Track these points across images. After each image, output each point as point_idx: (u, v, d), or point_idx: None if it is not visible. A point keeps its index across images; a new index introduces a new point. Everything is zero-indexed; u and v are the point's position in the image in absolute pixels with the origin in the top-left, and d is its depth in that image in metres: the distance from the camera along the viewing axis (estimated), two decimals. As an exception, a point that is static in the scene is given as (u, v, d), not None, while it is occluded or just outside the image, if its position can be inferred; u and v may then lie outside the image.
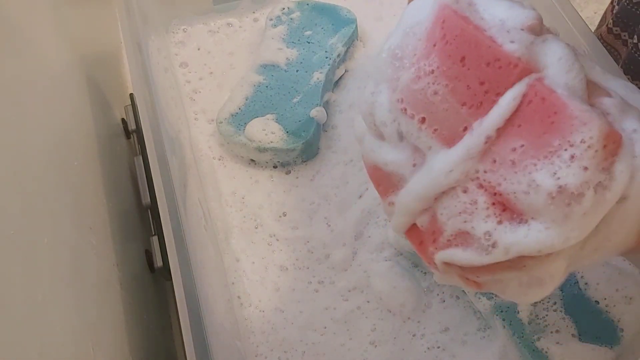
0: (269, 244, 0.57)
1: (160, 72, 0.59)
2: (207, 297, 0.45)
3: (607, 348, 0.47)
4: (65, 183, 0.47)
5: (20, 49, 0.46)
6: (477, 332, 0.51)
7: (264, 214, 0.59)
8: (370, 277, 0.54)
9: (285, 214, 0.59)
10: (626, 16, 0.56)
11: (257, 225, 0.58)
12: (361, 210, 0.57)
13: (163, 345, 0.61)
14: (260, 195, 0.60)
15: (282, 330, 0.52)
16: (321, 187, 0.60)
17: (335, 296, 0.54)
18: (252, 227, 0.58)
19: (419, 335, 0.51)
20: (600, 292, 0.50)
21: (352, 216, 0.57)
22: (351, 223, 0.57)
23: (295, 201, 0.59)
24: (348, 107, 0.66)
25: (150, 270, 0.63)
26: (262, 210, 0.59)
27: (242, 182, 0.61)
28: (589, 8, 1.05)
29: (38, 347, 0.33)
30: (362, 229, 0.57)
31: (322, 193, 0.60)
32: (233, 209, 0.60)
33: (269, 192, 0.60)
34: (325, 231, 0.57)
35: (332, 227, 0.57)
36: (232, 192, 0.61)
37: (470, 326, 0.52)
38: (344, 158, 0.62)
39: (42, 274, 0.37)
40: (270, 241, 0.57)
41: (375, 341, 0.51)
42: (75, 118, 0.56)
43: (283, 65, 0.66)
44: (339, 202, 0.59)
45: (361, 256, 0.55)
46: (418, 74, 0.31)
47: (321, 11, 0.71)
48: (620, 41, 0.57)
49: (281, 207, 0.59)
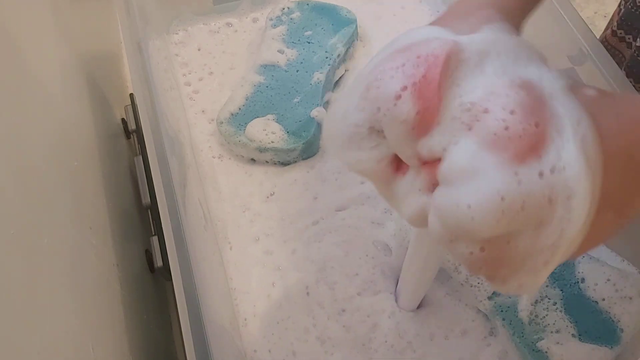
0: (270, 242, 0.57)
1: (160, 72, 0.59)
2: (207, 297, 0.45)
3: (607, 348, 0.47)
4: (65, 183, 0.47)
5: (20, 48, 0.46)
6: (477, 332, 0.51)
7: (264, 213, 0.59)
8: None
9: (286, 214, 0.59)
10: (630, 19, 0.56)
11: (258, 223, 0.58)
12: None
13: (163, 345, 0.61)
14: (261, 194, 0.60)
15: (283, 330, 0.52)
16: (322, 172, 0.61)
17: (336, 296, 0.54)
18: (252, 226, 0.58)
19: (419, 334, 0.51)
20: (600, 292, 0.50)
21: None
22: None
23: (297, 198, 0.59)
24: None
25: (150, 270, 0.63)
26: (263, 209, 0.59)
27: (242, 181, 0.61)
28: (589, 8, 1.05)
29: (38, 347, 0.33)
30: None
31: (322, 179, 0.60)
32: (233, 208, 0.60)
33: (269, 190, 0.61)
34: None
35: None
36: (233, 192, 0.61)
37: (470, 326, 0.52)
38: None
39: (42, 274, 0.37)
40: (270, 239, 0.57)
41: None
42: (75, 118, 0.56)
43: (283, 66, 0.66)
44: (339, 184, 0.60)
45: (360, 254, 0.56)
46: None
47: (321, 11, 0.71)
48: (625, 44, 0.57)
49: (281, 205, 0.59)
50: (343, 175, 0.61)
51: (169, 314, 0.67)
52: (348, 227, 0.57)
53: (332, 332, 0.52)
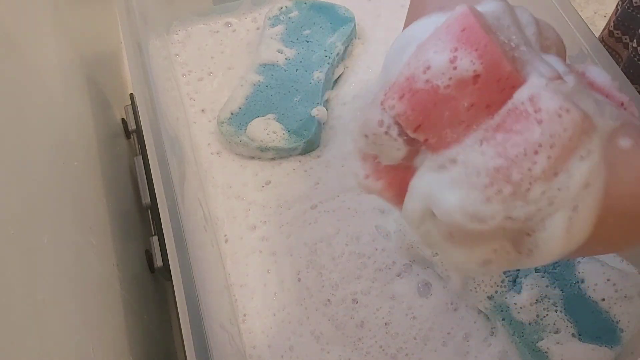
0: (269, 241, 0.57)
1: (160, 72, 0.59)
2: (207, 297, 0.45)
3: (607, 348, 0.47)
4: (65, 183, 0.47)
5: (20, 49, 0.46)
6: (477, 332, 0.51)
7: (265, 212, 0.59)
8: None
9: (284, 200, 0.59)
10: (627, 20, 0.56)
11: (258, 222, 0.58)
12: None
13: (163, 345, 0.61)
14: (256, 183, 0.61)
15: (279, 323, 0.52)
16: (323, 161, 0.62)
17: (337, 299, 0.54)
18: (253, 226, 0.58)
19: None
20: (600, 292, 0.50)
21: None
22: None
23: (297, 196, 0.60)
24: (352, 99, 0.67)
25: (150, 270, 0.63)
26: (263, 208, 0.59)
27: (242, 181, 0.61)
28: (589, 8, 1.05)
29: (38, 347, 0.33)
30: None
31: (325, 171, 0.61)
32: (233, 207, 0.60)
33: (270, 188, 0.61)
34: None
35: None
36: (233, 191, 0.61)
37: (470, 326, 0.52)
38: (343, 150, 0.63)
39: (42, 274, 0.37)
40: (270, 238, 0.57)
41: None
42: (75, 118, 0.56)
43: (282, 65, 0.66)
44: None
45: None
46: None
47: (319, 10, 0.71)
48: (622, 44, 0.57)
49: (281, 203, 0.59)
50: (345, 160, 0.61)
51: (169, 314, 0.67)
52: (347, 209, 0.58)
53: (323, 327, 0.52)
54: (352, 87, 0.68)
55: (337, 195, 0.59)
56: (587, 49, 0.51)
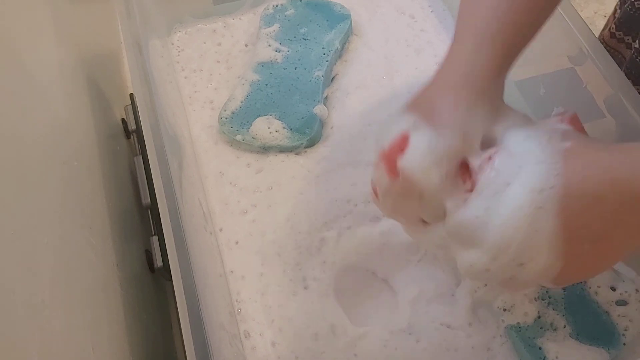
0: (270, 240, 0.57)
1: (160, 72, 0.59)
2: (207, 297, 0.45)
3: (604, 350, 0.47)
4: (65, 183, 0.47)
5: (20, 49, 0.46)
6: (477, 331, 0.51)
7: (265, 211, 0.59)
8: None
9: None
10: (629, 21, 0.56)
11: (258, 221, 0.58)
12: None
13: (163, 345, 0.61)
14: (265, 193, 0.60)
15: (283, 329, 0.52)
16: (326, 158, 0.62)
17: (339, 299, 0.54)
18: (253, 225, 0.58)
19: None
20: (600, 293, 0.50)
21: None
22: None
23: (298, 194, 0.59)
24: (355, 89, 0.67)
25: (150, 270, 0.63)
26: (269, 208, 0.59)
27: (243, 181, 0.61)
28: (589, 8, 1.05)
29: (38, 347, 0.33)
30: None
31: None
32: (234, 207, 0.59)
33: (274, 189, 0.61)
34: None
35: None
36: (233, 191, 0.61)
37: (470, 324, 0.52)
38: (342, 149, 0.63)
39: (42, 274, 0.37)
40: (270, 236, 0.57)
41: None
42: (76, 118, 0.56)
43: (281, 63, 0.66)
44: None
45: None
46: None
47: (315, 7, 0.71)
48: (624, 44, 0.58)
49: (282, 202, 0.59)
50: (348, 153, 0.61)
51: (169, 314, 0.67)
52: (350, 186, 0.59)
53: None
54: (352, 78, 0.67)
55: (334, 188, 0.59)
56: (587, 49, 0.51)
